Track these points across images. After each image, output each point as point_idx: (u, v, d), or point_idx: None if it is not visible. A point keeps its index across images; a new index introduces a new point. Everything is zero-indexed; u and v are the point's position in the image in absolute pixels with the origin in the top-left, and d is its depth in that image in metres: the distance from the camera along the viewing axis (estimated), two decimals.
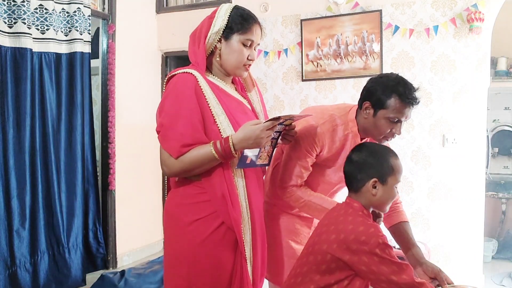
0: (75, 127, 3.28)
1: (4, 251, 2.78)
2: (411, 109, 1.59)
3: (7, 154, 2.82)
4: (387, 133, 1.61)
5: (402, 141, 3.34)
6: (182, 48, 4.20)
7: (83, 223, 3.39)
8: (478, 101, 3.16)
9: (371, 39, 3.44)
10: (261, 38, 1.56)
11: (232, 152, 1.37)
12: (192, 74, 1.44)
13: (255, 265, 1.50)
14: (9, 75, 2.83)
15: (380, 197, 1.38)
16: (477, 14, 3.03)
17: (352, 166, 1.42)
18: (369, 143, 1.47)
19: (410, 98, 1.55)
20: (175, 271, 1.47)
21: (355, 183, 1.40)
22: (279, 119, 1.34)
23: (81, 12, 3.27)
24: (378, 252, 1.24)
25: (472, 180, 3.17)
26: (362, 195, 1.39)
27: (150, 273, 3.15)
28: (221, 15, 1.49)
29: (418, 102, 1.59)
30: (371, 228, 1.29)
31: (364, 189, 1.38)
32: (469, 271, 3.18)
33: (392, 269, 1.24)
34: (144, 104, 4.16)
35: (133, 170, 3.99)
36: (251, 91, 1.66)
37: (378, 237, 1.26)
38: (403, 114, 1.57)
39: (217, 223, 1.43)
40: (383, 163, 1.38)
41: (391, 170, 1.38)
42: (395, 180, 1.40)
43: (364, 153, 1.41)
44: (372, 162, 1.38)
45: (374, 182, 1.36)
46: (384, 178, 1.37)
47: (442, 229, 3.24)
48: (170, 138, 1.40)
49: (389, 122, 1.58)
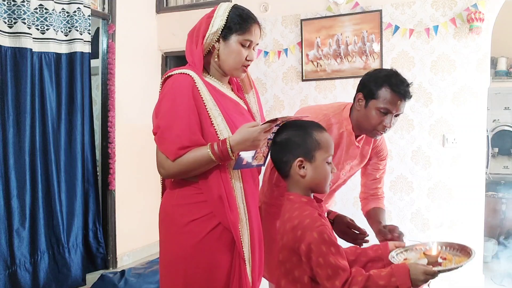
0: (75, 127, 3.29)
1: (4, 251, 2.78)
2: (403, 103, 1.59)
3: (7, 154, 2.82)
4: (378, 125, 1.61)
5: (402, 141, 3.34)
6: (182, 48, 4.14)
7: (83, 223, 3.40)
8: (478, 101, 3.16)
9: (371, 39, 3.44)
10: (260, 38, 1.54)
11: (230, 155, 1.36)
12: (189, 75, 1.44)
13: (254, 265, 1.50)
14: (9, 75, 2.83)
15: (312, 177, 1.25)
16: (477, 14, 3.03)
17: (276, 149, 1.32)
18: (291, 121, 1.35)
19: (401, 90, 1.56)
20: (171, 271, 1.47)
21: (283, 167, 1.29)
22: (276, 121, 1.33)
23: (81, 12, 3.27)
24: (313, 248, 1.13)
25: (472, 180, 3.17)
26: (292, 180, 1.28)
27: (150, 273, 3.15)
28: (220, 14, 1.48)
29: (410, 96, 1.59)
30: (306, 219, 1.18)
31: (292, 171, 1.26)
32: (469, 271, 3.18)
33: (324, 273, 1.12)
34: (144, 104, 4.16)
35: (133, 170, 3.99)
36: (248, 92, 1.65)
37: (313, 229, 1.15)
38: (393, 106, 1.58)
39: (213, 224, 1.42)
40: (306, 139, 1.25)
41: (317, 144, 1.25)
42: (324, 154, 1.25)
43: (285, 133, 1.30)
44: (295, 140, 1.26)
45: (300, 162, 1.24)
46: (311, 155, 1.24)
47: (442, 229, 3.24)
48: (167, 140, 1.39)
49: (379, 113, 1.58)
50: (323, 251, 1.13)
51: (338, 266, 1.12)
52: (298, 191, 1.29)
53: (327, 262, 1.12)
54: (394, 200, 3.38)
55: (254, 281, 1.51)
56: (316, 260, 1.13)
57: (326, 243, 1.14)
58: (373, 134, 1.66)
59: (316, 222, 1.17)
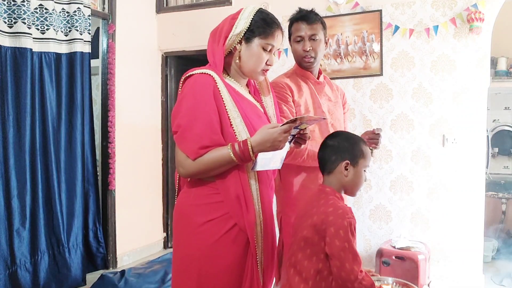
0: (75, 126, 3.29)
1: (4, 251, 2.79)
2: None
3: (7, 154, 2.83)
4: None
5: (402, 141, 3.34)
6: (182, 48, 4.20)
7: (83, 223, 3.40)
8: (478, 101, 3.16)
9: (371, 39, 3.44)
10: (282, 43, 1.56)
11: (251, 155, 1.36)
12: (210, 75, 1.44)
13: (266, 268, 1.51)
14: (9, 75, 2.83)
15: (351, 179, 1.46)
16: (477, 14, 3.03)
17: (327, 150, 1.50)
18: (343, 131, 1.66)
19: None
20: (186, 271, 1.46)
21: (329, 165, 1.48)
22: (295, 121, 1.34)
23: (81, 12, 3.27)
24: (341, 233, 1.31)
25: (472, 180, 3.17)
26: (334, 177, 1.48)
27: (150, 273, 3.15)
28: (245, 17, 1.48)
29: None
30: (339, 210, 1.35)
31: (337, 170, 1.46)
32: (469, 271, 3.18)
33: (347, 256, 1.30)
34: (144, 104, 4.16)
35: (133, 170, 3.99)
36: (266, 95, 1.66)
37: (344, 219, 1.32)
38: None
39: (229, 225, 1.43)
40: (354, 147, 1.48)
41: (362, 154, 1.48)
42: (365, 164, 1.49)
43: (338, 138, 1.51)
44: (345, 145, 1.47)
45: (346, 164, 1.45)
46: (356, 161, 1.46)
47: (442, 229, 3.24)
48: (188, 140, 1.39)
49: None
50: (349, 238, 1.31)
51: (358, 255, 1.32)
52: (334, 187, 1.46)
53: (351, 248, 1.31)
54: (394, 200, 3.38)
55: (266, 283, 1.52)
56: (342, 245, 1.30)
57: (352, 233, 1.33)
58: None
59: (348, 214, 1.35)
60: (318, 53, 1.93)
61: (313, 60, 1.93)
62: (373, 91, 3.44)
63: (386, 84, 3.40)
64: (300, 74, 1.99)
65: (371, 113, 3.44)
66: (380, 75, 3.41)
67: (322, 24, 1.94)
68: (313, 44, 1.90)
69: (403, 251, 2.98)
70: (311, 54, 1.91)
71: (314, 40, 1.90)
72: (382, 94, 3.41)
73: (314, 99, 1.97)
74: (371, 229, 3.46)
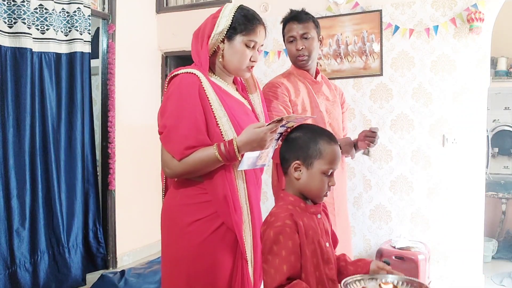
0: (75, 126, 3.29)
1: (4, 251, 2.79)
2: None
3: (7, 154, 2.83)
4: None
5: (402, 141, 3.34)
6: (182, 48, 4.20)
7: (83, 223, 3.40)
8: (478, 101, 3.16)
9: (371, 39, 3.44)
10: (265, 39, 1.55)
11: (237, 155, 1.36)
12: (195, 74, 1.43)
13: (256, 266, 1.50)
14: (9, 75, 2.83)
15: (305, 183, 1.26)
16: (477, 14, 3.03)
17: (283, 145, 1.35)
18: (309, 124, 1.40)
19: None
20: (174, 271, 1.46)
21: (284, 164, 1.31)
22: (281, 121, 1.33)
23: (81, 12, 3.27)
24: (267, 244, 1.20)
25: (472, 180, 3.17)
26: (288, 179, 1.31)
27: (150, 273, 3.15)
28: (225, 15, 1.48)
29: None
30: (273, 217, 1.22)
31: (289, 171, 1.29)
32: (469, 271, 3.18)
33: (270, 271, 1.17)
34: (144, 104, 4.16)
35: (133, 170, 3.99)
36: (253, 92, 1.65)
37: (272, 227, 1.19)
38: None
39: (217, 224, 1.43)
40: (310, 145, 1.26)
41: (318, 154, 1.24)
42: (323, 166, 1.24)
43: (297, 133, 1.32)
44: (300, 142, 1.28)
45: (296, 164, 1.26)
46: (309, 161, 1.25)
47: (442, 229, 3.24)
48: (173, 140, 1.39)
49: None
50: (274, 250, 1.18)
51: (278, 270, 1.16)
52: (290, 191, 1.31)
53: (273, 263, 1.17)
54: (394, 200, 3.38)
55: (256, 281, 1.51)
56: (265, 257, 1.20)
57: (279, 244, 1.17)
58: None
59: (278, 221, 1.20)
60: (311, 52, 1.94)
61: (307, 59, 1.95)
62: (373, 91, 3.44)
63: (386, 84, 3.40)
64: (297, 74, 2.00)
65: (371, 113, 3.44)
66: (380, 75, 3.41)
67: (314, 22, 1.97)
68: (306, 42, 1.93)
69: (403, 251, 2.97)
70: (304, 53, 1.93)
71: (307, 39, 1.93)
72: (382, 94, 3.41)
73: (312, 98, 1.97)
74: (371, 229, 3.46)
